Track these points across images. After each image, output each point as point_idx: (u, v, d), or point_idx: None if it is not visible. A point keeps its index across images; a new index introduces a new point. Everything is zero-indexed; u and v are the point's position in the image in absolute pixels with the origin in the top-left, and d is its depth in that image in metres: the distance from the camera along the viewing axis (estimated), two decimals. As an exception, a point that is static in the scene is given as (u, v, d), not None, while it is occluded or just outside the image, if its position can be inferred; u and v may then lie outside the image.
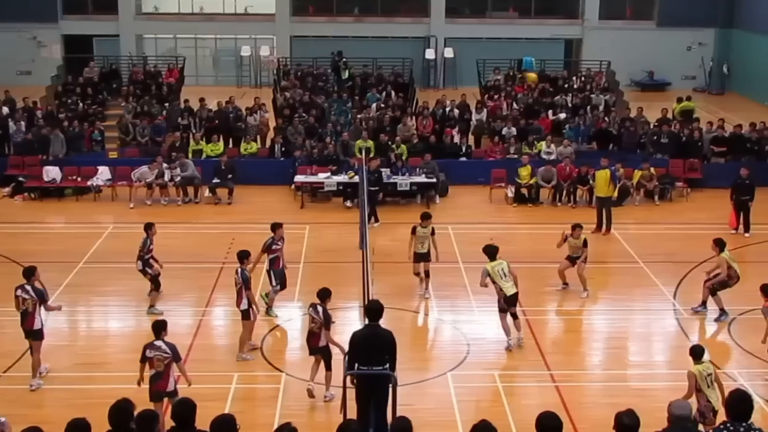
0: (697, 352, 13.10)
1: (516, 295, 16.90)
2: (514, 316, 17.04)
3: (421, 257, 19.22)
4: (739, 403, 8.72)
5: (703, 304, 18.77)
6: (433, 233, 19.25)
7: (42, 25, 45.87)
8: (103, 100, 34.47)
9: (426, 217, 19.31)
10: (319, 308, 14.59)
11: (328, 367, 14.67)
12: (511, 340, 16.98)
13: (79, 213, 26.28)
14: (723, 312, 18.34)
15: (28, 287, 15.26)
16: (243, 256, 16.69)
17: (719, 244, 18.63)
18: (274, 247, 18.09)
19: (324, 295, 14.75)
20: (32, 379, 15.26)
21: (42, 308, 15.38)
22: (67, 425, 8.56)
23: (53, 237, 24.23)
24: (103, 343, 17.29)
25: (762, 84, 42.59)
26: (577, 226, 19.76)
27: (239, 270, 16.49)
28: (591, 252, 20.20)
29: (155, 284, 18.69)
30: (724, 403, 8.79)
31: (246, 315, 16.40)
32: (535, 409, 8.98)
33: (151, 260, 18.65)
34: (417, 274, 19.46)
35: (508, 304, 16.87)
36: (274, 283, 18.23)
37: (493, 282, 16.84)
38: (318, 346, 14.62)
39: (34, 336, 15.28)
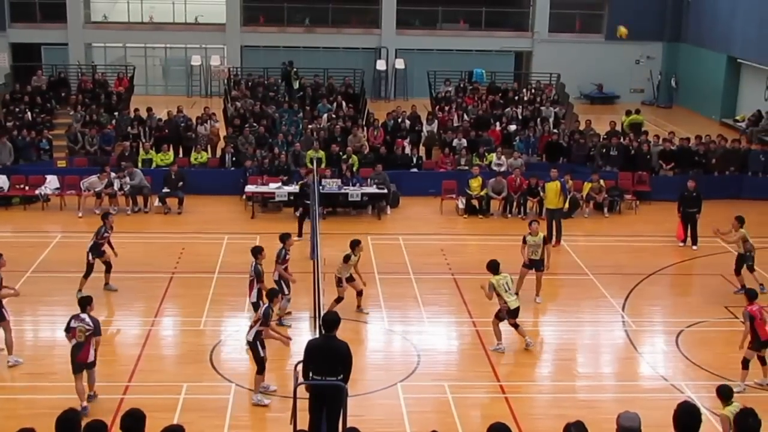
0: (725, 394, 12.42)
1: (518, 308, 17.37)
2: (516, 326, 17.39)
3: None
4: (686, 416, 8.79)
5: (742, 287, 19.57)
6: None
7: (-11, 33, 45.32)
8: (51, 108, 34.08)
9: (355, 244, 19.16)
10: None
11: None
12: (501, 345, 17.37)
13: (26, 222, 25.95)
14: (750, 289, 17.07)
15: None
16: (257, 251, 17.80)
17: (740, 220, 20.39)
18: (287, 257, 18.23)
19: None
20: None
21: None
22: (14, 436, 8.44)
23: (0, 246, 23.86)
24: (49, 353, 17.03)
25: (709, 98, 43.25)
26: (533, 221, 20.23)
27: (253, 264, 17.56)
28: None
29: (88, 271, 19.48)
30: (673, 416, 8.85)
31: (256, 307, 16.74)
32: (485, 420, 9.06)
33: (103, 247, 19.71)
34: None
35: (510, 316, 17.28)
36: (286, 292, 18.16)
37: (498, 295, 17.12)
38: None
39: None
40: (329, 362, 12.58)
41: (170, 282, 20.77)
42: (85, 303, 14.78)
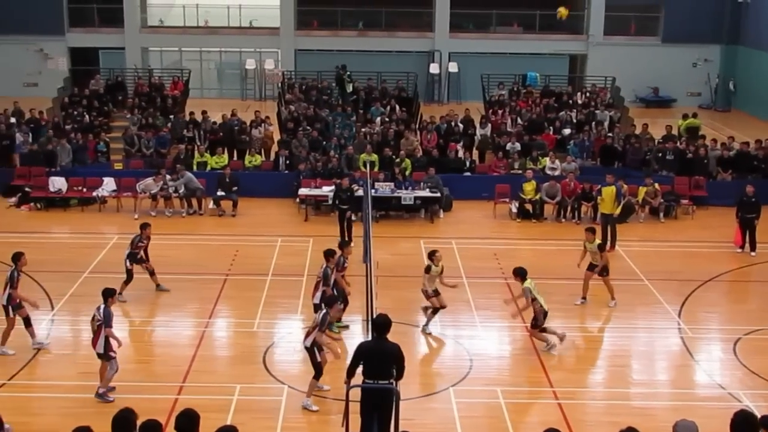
0: None
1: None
2: (544, 330, 17.48)
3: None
4: (743, 425, 8.65)
5: None
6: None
7: (49, 38, 46.02)
8: (108, 111, 34.54)
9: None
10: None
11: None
12: (550, 345, 17.46)
13: (83, 223, 26.30)
14: None
15: None
16: (329, 254, 17.62)
17: None
18: (345, 265, 18.17)
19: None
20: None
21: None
22: (71, 434, 8.55)
23: (58, 247, 24.24)
24: (105, 354, 17.24)
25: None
26: (588, 230, 20.04)
27: (323, 266, 17.46)
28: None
29: (129, 277, 19.62)
30: (730, 424, 8.70)
31: (317, 308, 16.71)
32: (537, 427, 8.99)
33: (139, 255, 19.88)
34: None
35: (544, 319, 17.36)
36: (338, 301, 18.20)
37: (533, 300, 17.15)
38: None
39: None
40: (381, 365, 12.57)
41: (224, 284, 20.91)
42: (106, 295, 15.11)
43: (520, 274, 17.37)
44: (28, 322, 16.99)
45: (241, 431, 8.75)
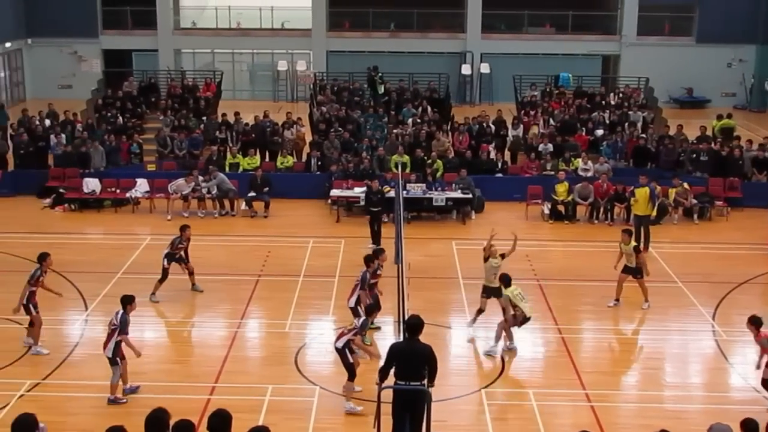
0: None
1: (530, 319, 17.27)
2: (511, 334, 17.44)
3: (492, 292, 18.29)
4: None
5: None
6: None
7: (83, 40, 46.54)
8: (141, 113, 34.78)
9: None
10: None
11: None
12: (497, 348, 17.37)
13: (117, 224, 26.49)
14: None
15: None
16: (369, 259, 17.70)
17: None
18: (379, 272, 18.10)
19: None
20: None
21: None
22: (104, 434, 8.60)
23: (92, 248, 24.42)
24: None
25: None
26: (625, 231, 19.92)
27: (363, 270, 17.53)
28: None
29: (164, 276, 19.74)
30: (766, 429, 8.60)
31: (354, 312, 17.05)
32: (570, 429, 8.93)
33: (177, 256, 19.97)
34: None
35: (522, 324, 17.16)
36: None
37: (514, 306, 16.98)
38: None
39: None
40: (413, 366, 12.57)
41: (256, 285, 20.98)
42: (125, 302, 15.18)
43: (502, 280, 17.23)
44: (32, 323, 17.15)
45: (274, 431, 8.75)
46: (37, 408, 11.81)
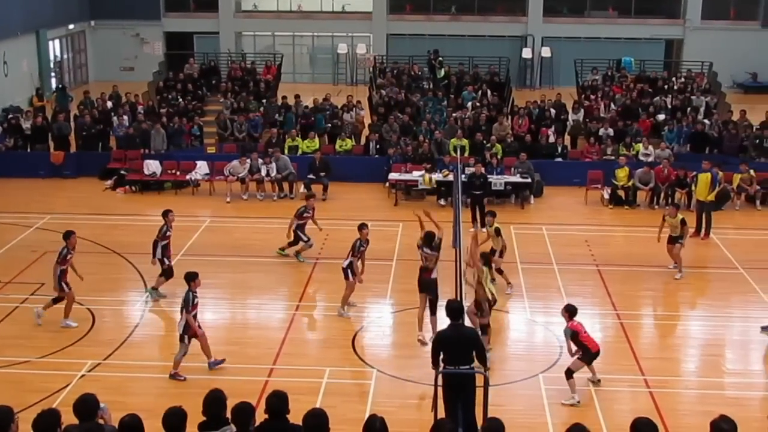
0: None
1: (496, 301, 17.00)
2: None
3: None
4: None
5: None
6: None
7: (145, 23, 46.94)
8: (202, 96, 35.05)
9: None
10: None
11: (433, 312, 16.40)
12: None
13: (177, 206, 26.37)
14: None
15: None
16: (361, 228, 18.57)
17: None
18: (362, 248, 18.37)
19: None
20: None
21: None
22: (164, 413, 8.69)
23: (152, 229, 24.48)
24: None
25: None
26: (673, 205, 20.09)
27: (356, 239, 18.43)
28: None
29: (166, 274, 19.23)
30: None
31: (345, 275, 18.20)
32: (628, 415, 8.84)
33: (164, 248, 19.43)
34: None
35: (492, 306, 16.64)
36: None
37: (479, 283, 16.36)
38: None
39: None
40: (460, 351, 12.55)
41: (314, 267, 21.09)
42: (188, 279, 15.49)
43: (482, 257, 16.72)
44: (57, 300, 17.44)
45: (331, 414, 8.78)
46: (99, 388, 11.98)
